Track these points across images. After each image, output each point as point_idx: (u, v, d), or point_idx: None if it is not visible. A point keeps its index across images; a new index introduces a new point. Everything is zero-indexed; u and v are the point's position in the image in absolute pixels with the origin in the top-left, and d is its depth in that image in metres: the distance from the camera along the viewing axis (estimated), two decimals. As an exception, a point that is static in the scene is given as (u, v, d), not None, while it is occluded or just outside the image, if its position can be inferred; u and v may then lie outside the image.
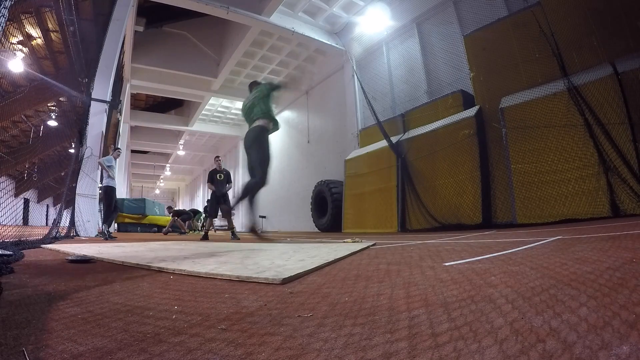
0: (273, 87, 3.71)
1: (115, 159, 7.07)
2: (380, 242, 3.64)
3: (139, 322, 0.87)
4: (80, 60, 7.61)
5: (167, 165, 28.48)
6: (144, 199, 15.06)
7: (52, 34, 8.53)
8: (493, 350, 0.60)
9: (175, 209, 17.72)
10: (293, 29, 10.27)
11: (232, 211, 3.89)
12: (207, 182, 6.61)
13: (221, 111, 18.12)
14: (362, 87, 9.48)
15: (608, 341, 0.59)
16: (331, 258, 2.05)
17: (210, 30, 13.22)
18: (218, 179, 6.41)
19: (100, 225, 6.96)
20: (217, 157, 6.84)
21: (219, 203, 6.37)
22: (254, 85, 3.90)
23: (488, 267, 1.48)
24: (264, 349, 0.67)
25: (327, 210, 9.52)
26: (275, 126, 3.64)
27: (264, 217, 16.14)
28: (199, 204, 28.63)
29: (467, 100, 6.66)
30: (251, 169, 3.56)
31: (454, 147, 6.25)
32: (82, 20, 7.38)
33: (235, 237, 5.88)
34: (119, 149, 7.54)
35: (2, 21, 1.89)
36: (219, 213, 6.81)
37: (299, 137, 14.24)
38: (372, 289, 1.20)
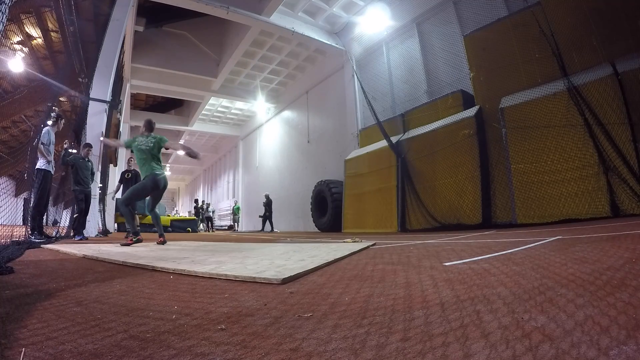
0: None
1: (53, 130, 5.15)
2: (380, 242, 3.64)
3: (139, 322, 0.87)
4: (80, 60, 7.60)
5: (167, 165, 28.48)
6: (144, 199, 15.04)
7: (52, 34, 8.53)
8: (487, 354, 0.60)
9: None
10: (293, 29, 10.27)
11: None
12: (118, 182, 6.83)
13: (221, 111, 18.12)
14: (362, 87, 9.48)
15: (606, 347, 0.59)
16: (331, 258, 2.06)
17: (210, 30, 13.20)
18: (126, 178, 6.62)
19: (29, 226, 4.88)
20: (131, 157, 6.98)
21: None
22: (153, 125, 4.26)
23: (487, 268, 1.49)
24: (263, 349, 0.67)
25: (327, 210, 9.52)
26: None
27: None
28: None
29: (467, 100, 6.66)
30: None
31: (454, 147, 6.25)
32: (81, 20, 7.37)
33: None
34: (61, 116, 5.63)
35: (3, 19, 1.89)
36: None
37: (299, 137, 14.24)
38: (372, 289, 1.20)
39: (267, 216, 13.17)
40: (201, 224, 16.96)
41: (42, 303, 1.09)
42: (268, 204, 13.26)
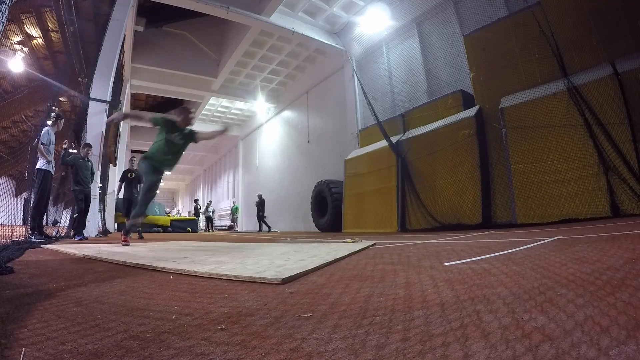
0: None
1: (53, 130, 5.11)
2: (380, 242, 3.64)
3: (139, 322, 0.87)
4: (80, 60, 7.60)
5: (167, 165, 28.45)
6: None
7: (52, 34, 8.53)
8: (487, 354, 0.60)
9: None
10: (293, 29, 10.27)
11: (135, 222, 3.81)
12: (119, 181, 6.76)
13: (221, 111, 18.12)
14: (362, 87, 9.47)
15: (606, 347, 0.59)
16: (331, 258, 2.06)
17: (210, 30, 13.21)
18: (129, 177, 6.59)
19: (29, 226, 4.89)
20: (133, 157, 7.06)
21: (130, 204, 6.53)
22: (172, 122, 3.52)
23: (487, 268, 1.48)
24: (263, 349, 0.67)
25: (327, 210, 9.52)
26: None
27: (265, 216, 16.15)
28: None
29: (467, 100, 6.66)
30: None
31: (454, 147, 6.25)
32: (81, 20, 7.37)
33: (140, 236, 6.23)
34: (61, 116, 5.57)
35: (3, 19, 1.88)
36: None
37: (299, 137, 14.24)
38: (372, 289, 1.20)
39: (260, 216, 13.31)
40: (201, 224, 16.93)
41: (42, 303, 1.09)
42: (261, 203, 13.40)
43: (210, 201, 19.34)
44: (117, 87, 9.48)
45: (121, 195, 6.68)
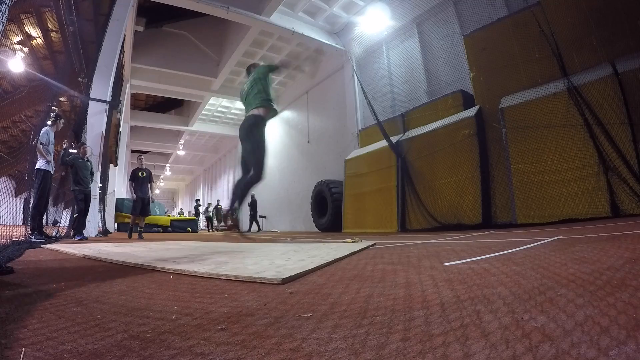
0: (272, 68, 3.30)
1: (52, 130, 5.12)
2: (380, 242, 3.64)
3: (139, 322, 0.87)
4: (80, 60, 7.60)
5: (167, 165, 28.46)
6: None
7: (52, 34, 8.53)
8: (487, 354, 0.60)
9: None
10: (293, 29, 10.27)
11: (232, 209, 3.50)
12: (129, 180, 6.77)
13: (221, 111, 18.10)
14: (362, 87, 9.47)
15: (606, 347, 0.59)
16: (331, 258, 2.05)
17: (210, 30, 13.21)
18: (140, 176, 6.58)
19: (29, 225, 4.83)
20: (140, 156, 7.12)
21: (143, 204, 6.55)
22: (252, 67, 3.46)
23: (487, 268, 1.48)
24: (264, 349, 0.67)
25: (327, 210, 9.52)
26: (273, 113, 3.20)
27: (264, 217, 16.14)
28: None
29: (467, 100, 6.65)
30: (245, 163, 3.24)
31: (453, 147, 6.25)
32: (81, 20, 7.37)
33: (140, 237, 6.24)
34: (60, 116, 5.58)
35: (3, 19, 1.88)
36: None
37: (299, 137, 14.23)
38: (372, 289, 1.20)
39: (252, 215, 13.47)
40: (201, 224, 17.04)
41: (42, 303, 1.09)
42: (253, 203, 13.56)
43: (210, 203, 19.43)
44: (117, 87, 9.47)
45: (125, 196, 6.70)
